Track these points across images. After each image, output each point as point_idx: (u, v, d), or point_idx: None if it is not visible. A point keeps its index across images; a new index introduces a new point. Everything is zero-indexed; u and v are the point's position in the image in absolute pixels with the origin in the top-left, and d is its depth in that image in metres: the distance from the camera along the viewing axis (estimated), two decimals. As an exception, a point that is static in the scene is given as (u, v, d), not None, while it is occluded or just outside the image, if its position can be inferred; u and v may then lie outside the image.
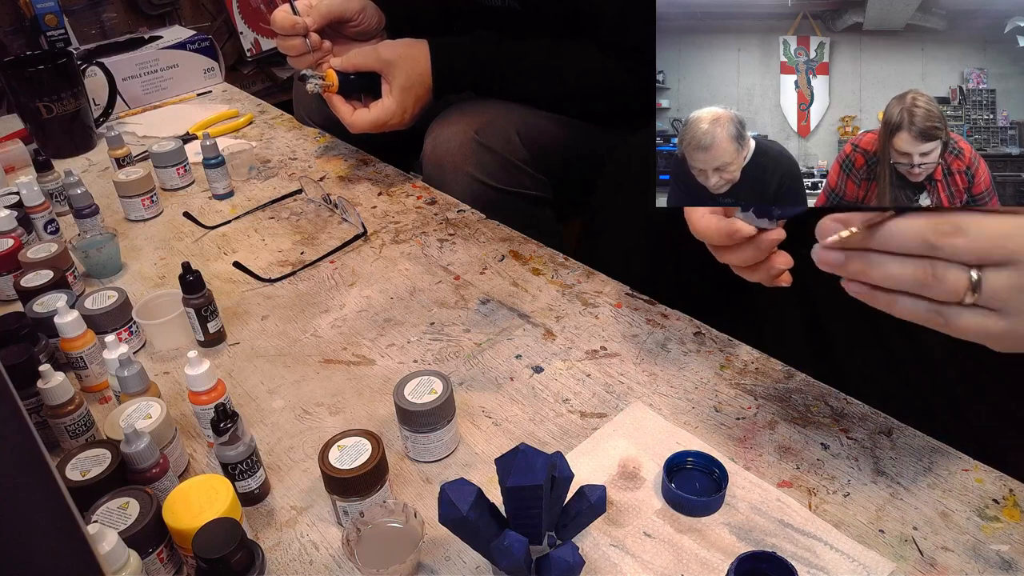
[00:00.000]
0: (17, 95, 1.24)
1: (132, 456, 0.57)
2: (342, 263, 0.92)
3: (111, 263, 0.93)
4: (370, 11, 1.05)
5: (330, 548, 0.57)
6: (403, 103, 0.98)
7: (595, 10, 1.00)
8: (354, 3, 1.03)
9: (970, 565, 0.51)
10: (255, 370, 0.76)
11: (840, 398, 0.65)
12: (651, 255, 0.85)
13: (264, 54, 2.25)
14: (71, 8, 1.88)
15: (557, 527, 0.51)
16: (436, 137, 1.03)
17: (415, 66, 0.98)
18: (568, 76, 1.04)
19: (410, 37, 1.01)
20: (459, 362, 0.74)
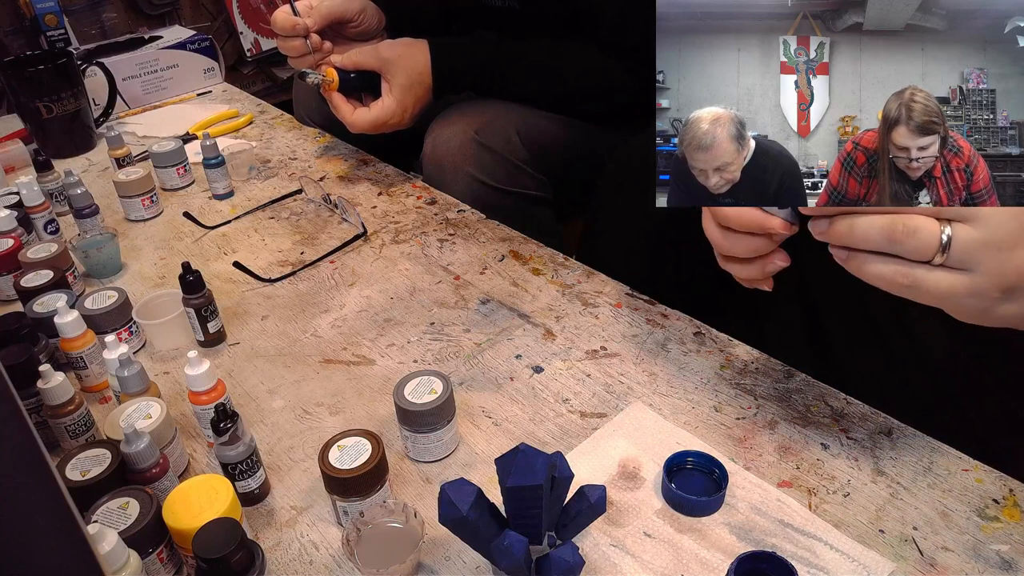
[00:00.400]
0: (17, 95, 1.24)
1: (132, 456, 0.57)
2: (342, 263, 0.92)
3: (111, 263, 0.93)
4: (370, 12, 1.05)
5: (330, 548, 0.57)
6: (403, 102, 0.98)
7: (595, 10, 1.00)
8: (354, 4, 1.03)
9: (970, 565, 0.51)
10: (255, 370, 0.76)
11: (840, 398, 0.65)
12: (651, 255, 0.85)
13: (264, 54, 2.25)
14: (71, 8, 1.88)
15: (557, 527, 0.51)
16: (436, 137, 1.03)
17: (415, 65, 0.98)
18: (568, 76, 1.04)
19: (410, 37, 1.01)
20: (459, 362, 0.74)
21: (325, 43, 1.02)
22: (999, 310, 0.45)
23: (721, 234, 0.52)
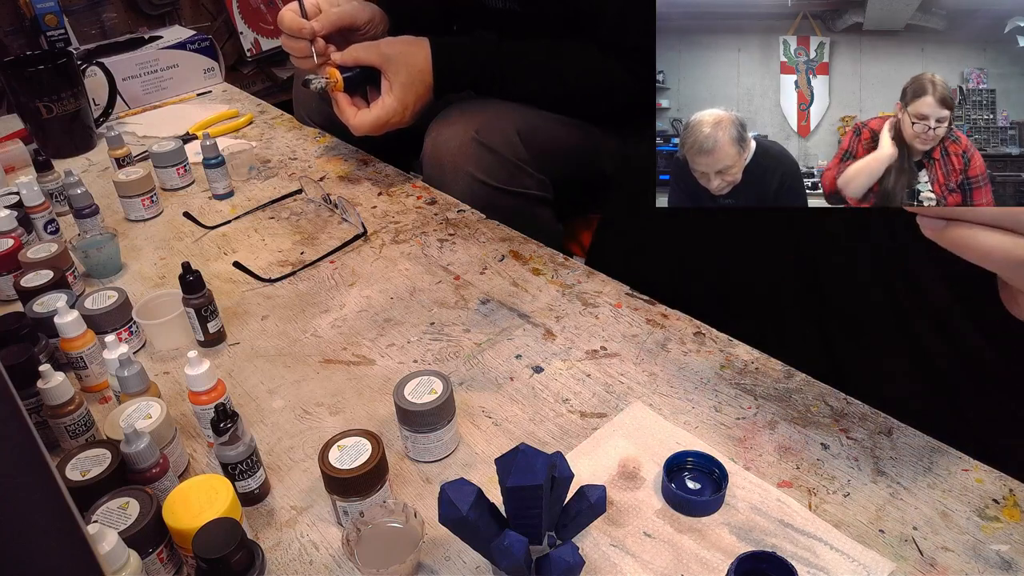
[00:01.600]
0: (17, 95, 1.24)
1: (132, 456, 0.57)
2: (342, 263, 0.92)
3: (111, 263, 0.93)
4: (377, 21, 1.06)
5: (330, 548, 0.57)
6: (404, 100, 0.98)
7: (595, 11, 1.00)
8: (364, 13, 1.03)
9: (970, 565, 0.51)
10: (255, 370, 0.76)
11: (840, 398, 0.65)
12: (651, 255, 0.85)
13: (264, 54, 2.25)
14: (71, 8, 1.88)
15: (557, 527, 0.51)
16: (436, 137, 1.03)
17: (416, 63, 0.98)
18: (568, 76, 1.04)
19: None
20: (459, 362, 0.74)
21: (330, 47, 1.01)
22: None
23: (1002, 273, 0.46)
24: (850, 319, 0.72)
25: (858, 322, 0.71)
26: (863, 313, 0.71)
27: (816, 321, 0.76)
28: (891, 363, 0.69)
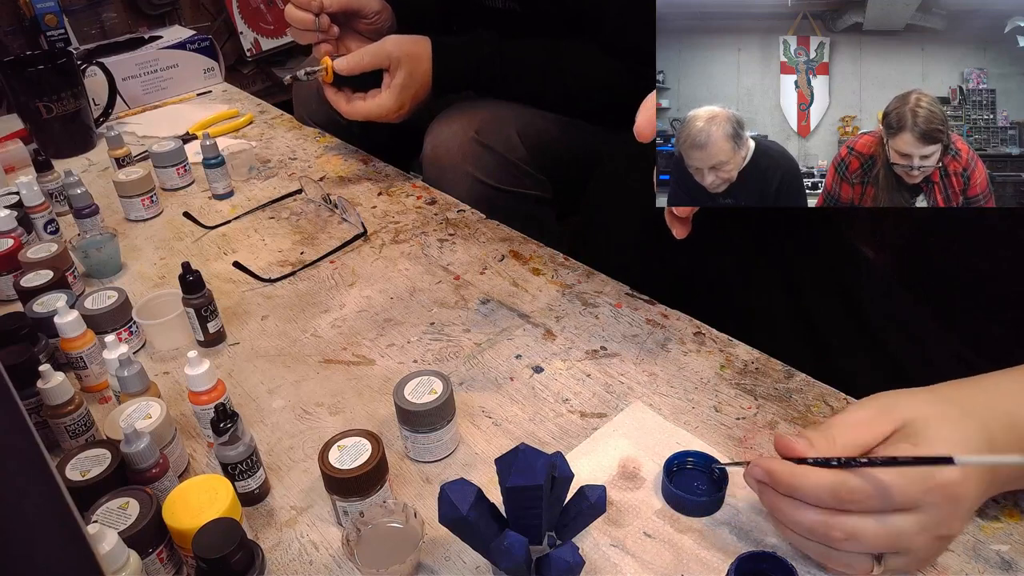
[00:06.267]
0: (17, 95, 1.24)
1: (132, 456, 0.57)
2: (342, 263, 0.92)
3: (111, 263, 0.93)
4: (385, 15, 1.06)
5: (330, 548, 0.57)
6: (400, 100, 0.99)
7: (595, 11, 1.00)
8: (374, 3, 1.03)
9: (970, 565, 0.51)
10: (255, 370, 0.76)
11: (840, 398, 0.65)
12: (651, 255, 0.85)
13: (264, 54, 2.25)
14: (71, 8, 1.88)
15: (557, 527, 0.51)
16: (436, 137, 1.03)
17: (418, 65, 0.99)
18: (568, 76, 1.04)
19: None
20: (459, 362, 0.74)
21: (333, 27, 1.01)
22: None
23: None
24: (841, 319, 0.73)
25: (858, 323, 0.71)
26: (863, 313, 0.71)
27: (816, 321, 0.76)
28: (891, 363, 0.69)
